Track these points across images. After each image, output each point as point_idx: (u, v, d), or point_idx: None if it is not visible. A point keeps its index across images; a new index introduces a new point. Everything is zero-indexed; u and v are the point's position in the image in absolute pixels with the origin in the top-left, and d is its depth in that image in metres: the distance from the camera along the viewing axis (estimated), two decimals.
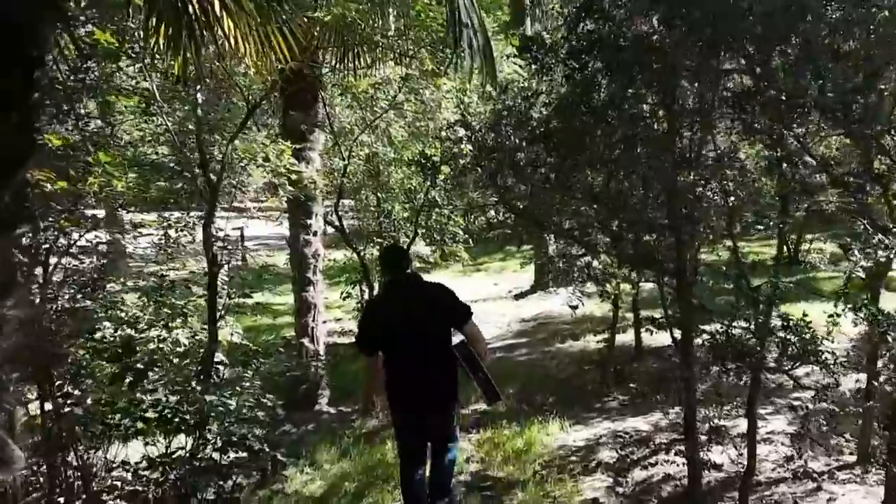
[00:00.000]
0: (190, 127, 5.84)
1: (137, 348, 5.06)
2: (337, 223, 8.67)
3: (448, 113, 8.58)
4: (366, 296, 9.87)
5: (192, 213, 6.56)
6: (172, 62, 4.33)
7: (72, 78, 4.74)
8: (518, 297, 13.75)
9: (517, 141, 5.49)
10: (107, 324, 5.20)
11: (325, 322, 9.05)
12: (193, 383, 4.92)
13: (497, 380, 4.71)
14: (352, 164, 8.92)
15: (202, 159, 5.55)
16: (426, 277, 4.92)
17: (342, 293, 10.74)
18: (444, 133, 7.56)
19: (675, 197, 4.90)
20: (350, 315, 11.31)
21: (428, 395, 4.43)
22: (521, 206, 6.10)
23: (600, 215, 5.56)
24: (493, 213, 7.53)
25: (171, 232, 6.44)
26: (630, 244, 5.41)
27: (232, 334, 5.78)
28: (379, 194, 9.64)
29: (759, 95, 4.02)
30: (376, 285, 9.23)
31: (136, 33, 4.95)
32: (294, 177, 6.79)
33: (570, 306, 8.53)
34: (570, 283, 8.56)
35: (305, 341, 8.39)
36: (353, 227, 10.46)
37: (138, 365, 4.90)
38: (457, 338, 4.44)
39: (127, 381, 4.86)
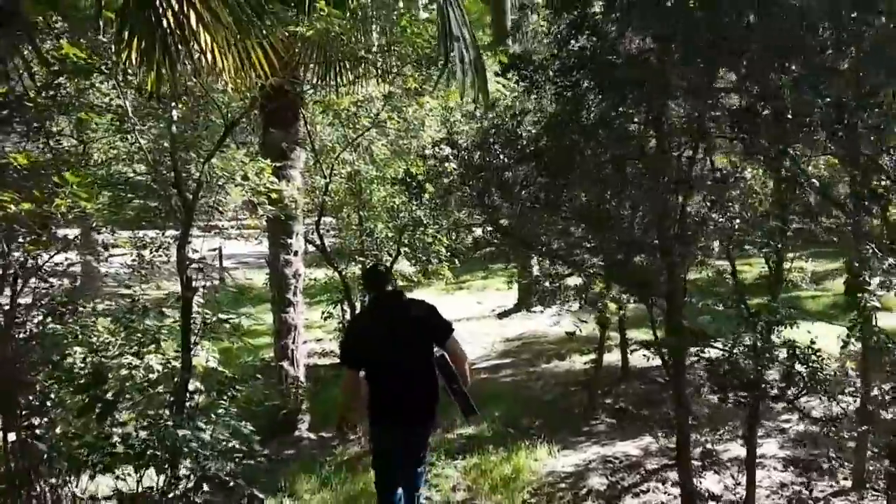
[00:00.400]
0: (165, 145, 5.63)
1: (109, 375, 4.82)
2: (318, 242, 8.48)
3: (431, 131, 8.45)
4: (347, 315, 9.66)
5: (167, 233, 6.33)
6: (146, 78, 4.14)
7: (42, 94, 4.53)
8: (502, 315, 13.60)
9: (505, 160, 5.38)
10: (77, 349, 4.95)
11: (305, 343, 8.83)
12: (166, 414, 4.68)
13: (482, 401, 4.57)
14: (333, 182, 8.75)
15: (177, 178, 5.35)
16: (409, 295, 4.85)
17: (323, 313, 10.52)
18: (428, 151, 7.43)
19: (666, 217, 4.80)
20: (331, 335, 11.08)
21: (411, 413, 4.39)
22: (509, 226, 5.97)
23: (589, 235, 5.45)
24: (479, 232, 7.41)
25: (145, 252, 6.20)
26: (620, 265, 5.29)
27: (207, 359, 5.54)
28: (361, 213, 9.47)
29: (757, 114, 3.92)
30: (358, 304, 9.04)
31: (108, 48, 4.76)
32: (274, 195, 6.59)
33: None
34: (556, 303, 8.46)
35: (285, 364, 8.13)
36: (335, 245, 10.25)
37: (108, 395, 4.65)
38: (437, 352, 4.40)
39: (96, 411, 4.60)
